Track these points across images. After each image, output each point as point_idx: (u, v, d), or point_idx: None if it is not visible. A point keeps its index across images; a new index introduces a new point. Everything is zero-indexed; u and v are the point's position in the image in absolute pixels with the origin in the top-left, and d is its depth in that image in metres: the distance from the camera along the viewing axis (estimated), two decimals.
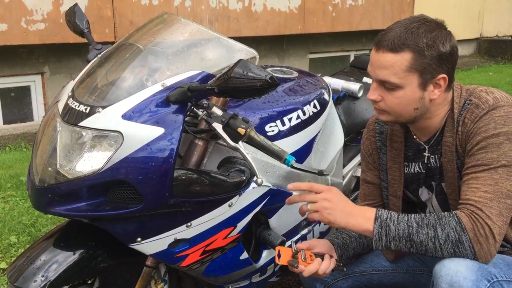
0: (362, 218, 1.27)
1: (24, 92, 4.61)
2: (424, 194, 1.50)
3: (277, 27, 5.65)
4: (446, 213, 1.24)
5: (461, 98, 1.34)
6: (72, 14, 1.58)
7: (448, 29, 1.31)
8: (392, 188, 1.52)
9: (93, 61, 1.48)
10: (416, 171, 1.47)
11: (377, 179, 1.57)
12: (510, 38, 9.18)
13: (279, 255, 1.35)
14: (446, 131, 1.35)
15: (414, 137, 1.45)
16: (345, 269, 1.46)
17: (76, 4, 1.60)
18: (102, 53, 1.49)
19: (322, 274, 1.35)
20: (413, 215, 1.25)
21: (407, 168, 1.49)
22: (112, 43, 1.57)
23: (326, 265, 1.35)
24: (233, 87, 1.16)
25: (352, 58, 6.88)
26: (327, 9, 6.05)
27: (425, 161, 1.44)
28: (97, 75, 1.41)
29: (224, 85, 1.17)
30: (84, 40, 1.57)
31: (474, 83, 6.57)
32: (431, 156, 1.42)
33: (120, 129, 1.21)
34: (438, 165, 1.41)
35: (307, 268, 1.32)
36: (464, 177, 1.28)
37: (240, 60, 1.16)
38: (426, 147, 1.42)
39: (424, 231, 1.21)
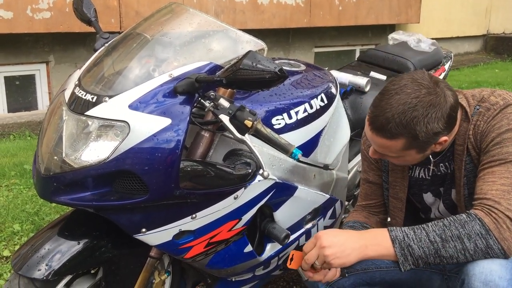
0: (376, 245, 1.20)
1: (29, 81, 4.60)
2: (429, 199, 1.49)
3: (283, 20, 5.62)
4: (464, 216, 1.19)
5: (471, 107, 1.34)
6: (80, 2, 1.57)
7: (445, 89, 1.24)
8: (393, 190, 1.51)
9: (100, 50, 1.47)
10: (420, 176, 1.47)
11: (379, 178, 1.56)
12: None
13: (291, 259, 1.32)
14: (457, 139, 1.36)
15: None
16: (346, 274, 1.45)
17: None
18: (109, 42, 1.48)
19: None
20: (430, 227, 1.19)
21: (411, 171, 1.49)
22: (118, 33, 1.56)
23: (331, 275, 1.31)
24: (242, 78, 1.15)
25: (357, 53, 6.85)
26: (334, 3, 6.01)
27: (431, 171, 1.44)
28: (104, 64, 1.40)
29: (233, 76, 1.16)
30: (90, 30, 1.56)
31: (480, 80, 6.53)
32: (441, 164, 1.42)
33: (126, 119, 1.20)
34: (449, 171, 1.41)
35: (314, 277, 1.29)
36: (479, 173, 1.28)
37: (249, 52, 1.15)
38: (432, 160, 1.42)
39: (451, 244, 1.16)
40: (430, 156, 1.41)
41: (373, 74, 2.21)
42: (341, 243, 1.19)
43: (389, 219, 1.63)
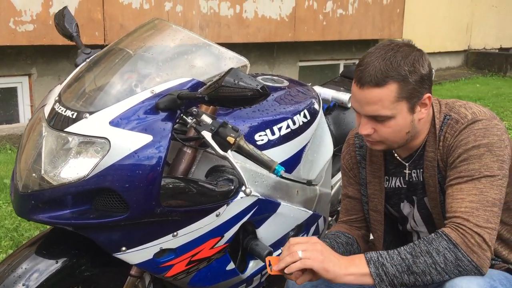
0: (353, 266, 1.19)
1: (10, 93, 4.54)
2: (406, 208, 1.49)
3: (268, 34, 5.66)
4: (433, 235, 1.21)
5: (441, 113, 1.36)
6: (61, 17, 1.56)
7: (418, 48, 1.31)
8: (372, 202, 1.51)
9: (81, 65, 1.46)
10: (397, 186, 1.47)
11: (358, 193, 1.56)
12: (497, 51, 9.32)
13: (270, 265, 1.32)
14: (428, 146, 1.36)
15: (394, 154, 1.45)
16: None
17: (65, 7, 1.57)
18: (91, 58, 1.47)
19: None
20: (402, 248, 1.21)
21: (387, 183, 1.49)
22: (102, 46, 1.55)
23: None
24: (224, 96, 1.14)
25: (341, 67, 6.92)
26: (318, 18, 6.07)
27: (406, 177, 1.44)
28: (85, 79, 1.39)
29: (215, 93, 1.15)
30: (71, 42, 1.55)
31: (461, 94, 6.64)
32: (413, 170, 1.42)
33: (107, 135, 1.19)
34: (420, 180, 1.41)
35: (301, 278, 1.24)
36: (447, 190, 1.29)
37: (231, 69, 1.15)
38: (407, 164, 1.42)
39: (421, 259, 1.17)
40: (400, 159, 1.42)
41: None
42: (328, 253, 1.20)
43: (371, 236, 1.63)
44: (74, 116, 1.23)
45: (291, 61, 6.36)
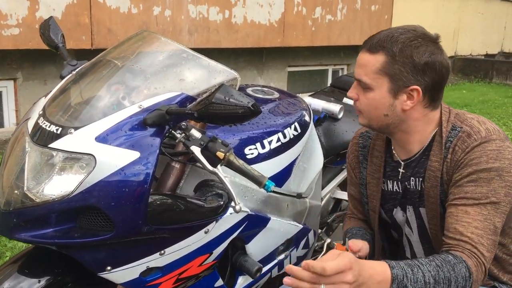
0: (376, 276, 1.08)
1: None
2: (398, 215, 1.47)
3: (257, 39, 5.64)
4: (452, 258, 1.16)
5: (449, 123, 1.32)
6: (47, 27, 1.51)
7: (439, 45, 1.29)
8: (371, 203, 1.50)
9: (67, 77, 1.42)
10: (395, 190, 1.45)
11: (359, 194, 1.56)
12: (483, 57, 9.42)
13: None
14: (433, 155, 1.33)
15: (394, 152, 1.43)
16: None
17: (51, 17, 1.53)
18: (77, 70, 1.43)
19: None
20: (425, 265, 1.14)
21: (385, 185, 1.47)
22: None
23: None
24: (214, 113, 1.12)
25: (330, 72, 6.93)
26: (307, 24, 6.07)
27: (401, 180, 1.40)
28: (71, 93, 1.35)
29: (204, 110, 1.12)
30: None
31: (448, 100, 6.68)
32: (412, 178, 1.39)
33: (93, 152, 1.15)
34: (418, 189, 1.38)
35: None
36: (450, 208, 1.26)
37: (222, 85, 1.12)
38: (402, 163, 1.40)
39: (440, 286, 1.13)
40: (400, 160, 1.40)
41: (346, 100, 2.21)
42: (359, 281, 1.04)
43: None
44: (58, 132, 1.19)
45: (280, 67, 6.35)
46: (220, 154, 1.26)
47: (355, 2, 6.53)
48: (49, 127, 1.21)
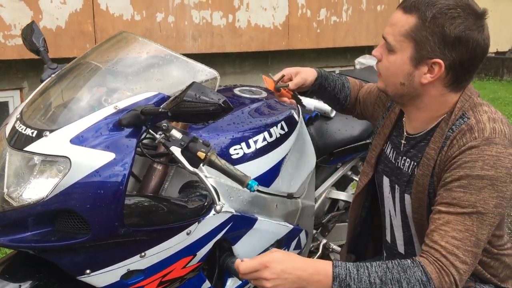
0: (316, 282, 1.11)
1: (2, 108, 4.51)
2: (385, 186, 1.41)
3: (261, 43, 5.63)
4: (409, 261, 1.13)
5: (461, 110, 1.22)
6: (29, 31, 1.52)
7: (483, 22, 1.17)
8: (370, 153, 1.47)
9: (46, 80, 1.42)
10: (389, 156, 1.41)
11: (372, 96, 1.59)
12: (494, 55, 9.28)
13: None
14: (432, 142, 1.24)
15: (404, 122, 1.38)
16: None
17: (33, 22, 1.54)
18: (56, 73, 1.43)
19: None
20: (374, 266, 1.13)
21: (385, 146, 1.43)
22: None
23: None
24: (186, 110, 1.10)
25: None
26: (312, 26, 6.04)
27: (401, 150, 1.35)
28: (49, 95, 1.35)
29: (176, 108, 1.11)
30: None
31: None
32: (407, 160, 1.33)
33: (67, 154, 1.14)
34: (409, 173, 1.31)
35: None
36: (435, 212, 1.19)
37: (193, 83, 1.11)
38: (405, 135, 1.34)
39: (389, 287, 1.11)
40: (405, 132, 1.35)
41: None
42: (284, 276, 1.10)
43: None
44: (34, 135, 1.19)
45: None
46: (201, 154, 1.25)
47: (360, 3, 6.48)
48: (25, 130, 1.21)
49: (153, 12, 4.80)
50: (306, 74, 1.59)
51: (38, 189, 1.16)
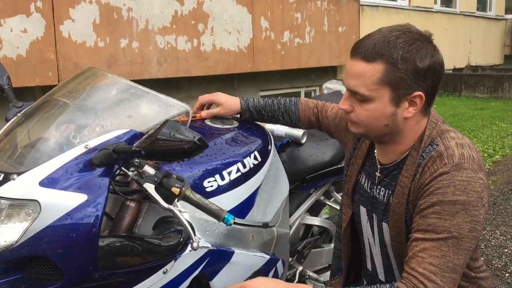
0: None
1: None
2: (363, 216, 1.42)
3: (227, 66, 5.66)
4: (388, 286, 1.16)
5: (430, 137, 1.24)
6: None
7: (433, 43, 1.21)
8: (347, 184, 1.47)
9: (12, 120, 1.37)
10: (364, 185, 1.41)
11: (323, 112, 1.62)
12: (451, 71, 9.63)
13: None
14: (405, 170, 1.26)
15: (375, 152, 1.38)
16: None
17: None
18: (22, 111, 1.38)
19: None
20: None
21: (360, 176, 1.43)
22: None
23: None
24: (160, 149, 1.08)
25: (302, 95, 6.98)
26: (276, 48, 6.13)
27: (376, 181, 1.35)
28: (16, 135, 1.31)
29: (150, 147, 1.09)
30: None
31: None
32: (382, 188, 1.34)
33: (36, 197, 1.10)
34: (385, 202, 1.32)
35: None
36: (412, 240, 1.20)
37: (167, 121, 1.10)
38: (379, 167, 1.35)
39: None
40: (378, 163, 1.36)
41: None
42: None
43: None
44: (0, 178, 1.14)
45: (252, 91, 6.37)
46: (176, 190, 1.23)
47: (322, 25, 6.63)
48: None
49: (116, 38, 4.76)
50: (224, 108, 1.72)
51: (6, 234, 1.11)
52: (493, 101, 8.36)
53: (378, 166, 1.36)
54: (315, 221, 2.09)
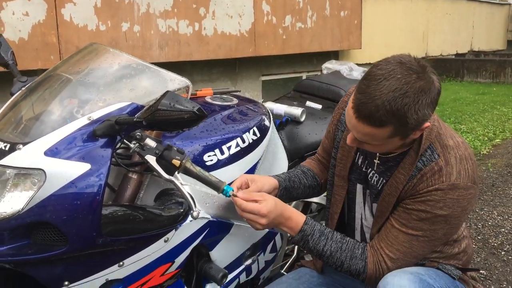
0: (288, 228, 1.38)
1: None
2: (358, 194, 1.48)
3: (229, 50, 5.66)
4: (359, 252, 1.36)
5: (427, 140, 1.29)
6: None
7: (431, 74, 1.18)
8: (338, 167, 1.51)
9: (17, 94, 1.41)
10: (361, 166, 1.46)
11: (330, 148, 1.60)
12: (453, 56, 9.59)
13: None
14: (402, 167, 1.32)
15: None
16: None
17: (0, 35, 1.53)
18: (27, 85, 1.42)
19: None
20: (333, 240, 1.37)
21: (356, 156, 1.48)
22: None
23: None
24: (161, 119, 1.12)
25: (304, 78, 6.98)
26: (278, 32, 6.12)
27: (375, 168, 1.40)
28: (21, 109, 1.34)
29: (151, 117, 1.13)
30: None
31: None
32: (376, 175, 1.40)
33: (42, 166, 1.14)
34: (379, 188, 1.40)
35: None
36: (389, 222, 1.34)
37: (167, 92, 1.13)
38: (378, 155, 1.39)
39: (333, 260, 1.37)
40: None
41: (309, 103, 2.24)
42: (272, 217, 1.33)
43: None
44: (7, 148, 1.18)
45: (254, 76, 6.38)
46: (176, 162, 1.27)
47: (324, 9, 6.61)
48: None
49: (118, 22, 4.77)
50: (262, 183, 1.45)
51: (12, 202, 1.15)
52: (495, 86, 8.35)
53: (378, 154, 1.41)
54: (313, 198, 2.13)
